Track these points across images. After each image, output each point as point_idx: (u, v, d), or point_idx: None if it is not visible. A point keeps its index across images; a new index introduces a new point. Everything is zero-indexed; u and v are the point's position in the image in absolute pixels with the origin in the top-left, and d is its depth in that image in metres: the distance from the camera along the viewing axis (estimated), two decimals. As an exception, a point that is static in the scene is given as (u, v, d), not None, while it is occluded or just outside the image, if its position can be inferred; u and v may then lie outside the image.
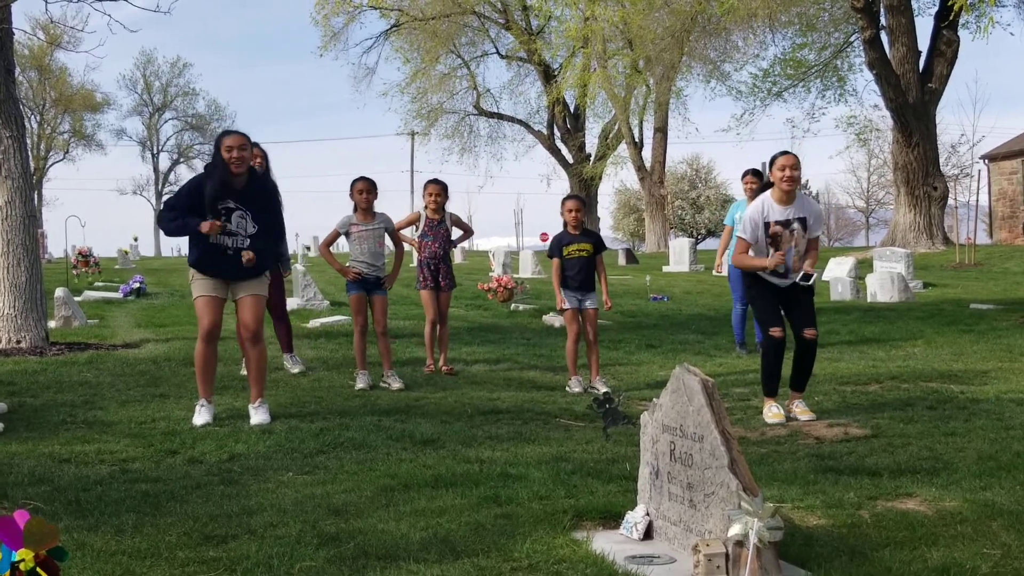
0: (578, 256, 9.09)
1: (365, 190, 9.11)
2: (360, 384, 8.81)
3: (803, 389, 7.65)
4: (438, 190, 9.89)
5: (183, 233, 7.24)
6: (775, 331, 7.42)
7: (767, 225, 7.37)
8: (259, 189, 7.35)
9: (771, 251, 7.36)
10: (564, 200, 9.33)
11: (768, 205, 7.43)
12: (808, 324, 7.45)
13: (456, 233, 10.18)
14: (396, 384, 8.84)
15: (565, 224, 9.23)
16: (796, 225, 7.35)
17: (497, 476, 5.31)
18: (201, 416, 7.16)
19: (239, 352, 9.08)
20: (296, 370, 9.55)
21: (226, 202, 7.13)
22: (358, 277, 9.08)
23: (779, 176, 7.32)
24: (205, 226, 7.03)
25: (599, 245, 9.27)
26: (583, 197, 10.33)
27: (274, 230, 7.52)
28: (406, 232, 10.02)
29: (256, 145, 9.10)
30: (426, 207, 9.90)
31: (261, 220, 7.26)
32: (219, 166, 7.12)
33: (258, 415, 7.21)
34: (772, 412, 7.45)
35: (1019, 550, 3.94)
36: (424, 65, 44.32)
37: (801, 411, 7.50)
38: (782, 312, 7.54)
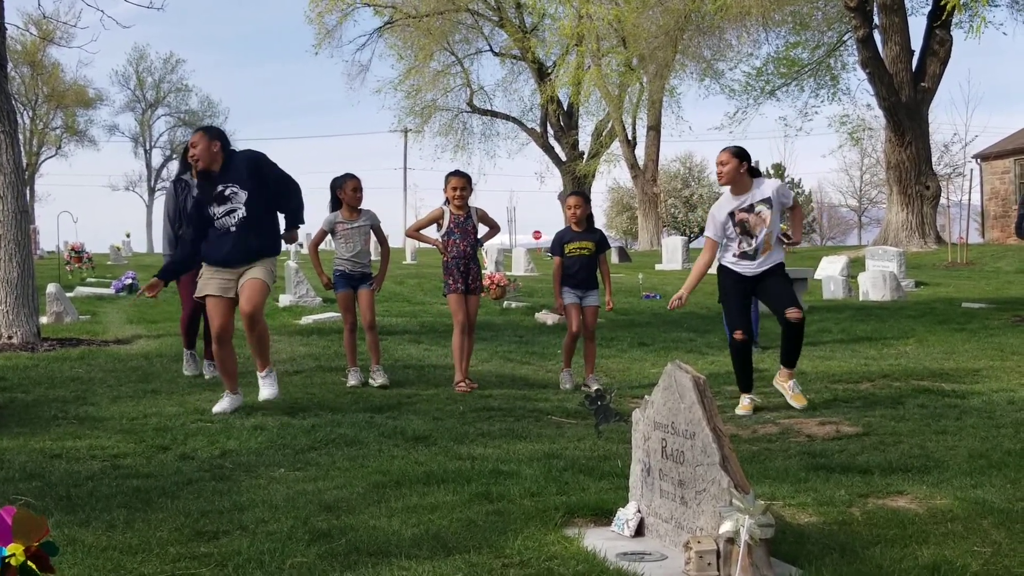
0: (579, 254, 9.01)
1: (359, 188, 8.99)
2: (351, 381, 8.77)
3: (794, 365, 7.76)
4: (463, 183, 8.89)
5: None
6: (738, 334, 7.62)
7: (731, 215, 7.55)
8: (236, 162, 7.38)
9: (743, 239, 7.56)
10: (567, 197, 9.19)
11: (725, 199, 7.67)
12: (789, 304, 7.55)
13: (482, 230, 9.34)
14: (379, 380, 8.73)
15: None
16: (760, 207, 7.51)
17: (489, 473, 5.31)
18: (221, 404, 7.36)
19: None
20: (208, 374, 9.16)
21: (214, 188, 7.29)
22: (329, 285, 8.99)
23: (717, 172, 7.64)
24: (147, 291, 7.43)
25: (602, 243, 9.17)
26: (587, 193, 9.84)
27: (284, 183, 7.49)
28: (429, 231, 9.28)
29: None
30: (449, 202, 8.93)
31: (255, 184, 7.30)
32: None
33: (267, 387, 7.42)
34: (743, 404, 7.68)
35: (1009, 548, 3.95)
36: (418, 62, 44.29)
37: (794, 396, 7.65)
38: (752, 305, 7.72)
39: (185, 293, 9.36)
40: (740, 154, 7.56)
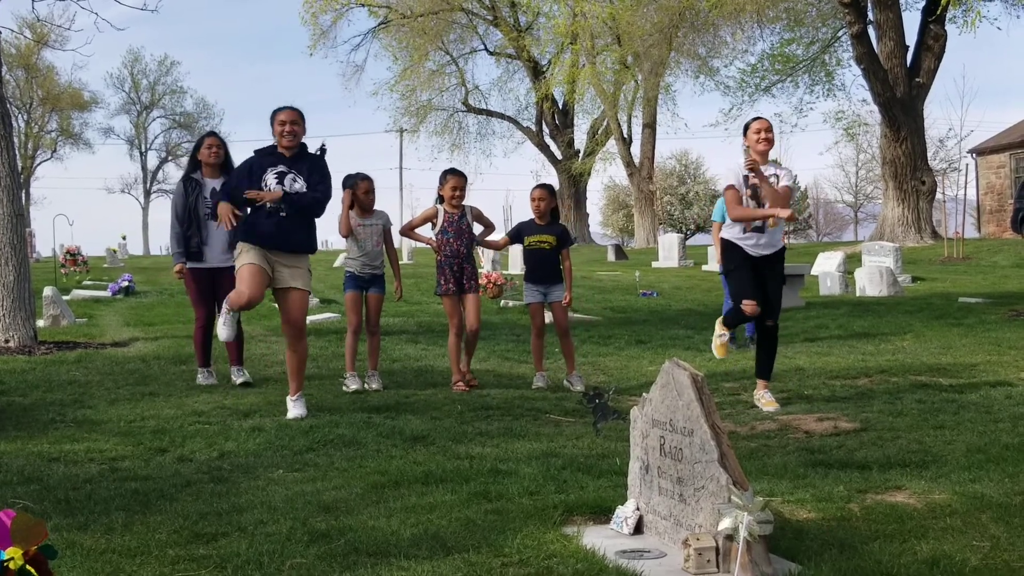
0: (539, 248, 8.85)
1: (371, 190, 8.80)
2: (351, 387, 8.55)
3: (768, 378, 7.77)
4: (461, 183, 8.77)
5: (229, 199, 7.35)
6: (748, 303, 7.47)
7: (746, 179, 7.53)
8: (309, 156, 7.53)
9: (752, 205, 7.52)
10: (532, 190, 9.01)
11: (741, 166, 7.64)
12: (769, 314, 7.62)
13: (478, 229, 9.06)
14: (374, 385, 8.61)
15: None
16: (773, 180, 7.49)
17: (487, 472, 5.31)
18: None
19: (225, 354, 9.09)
20: (240, 380, 8.83)
21: (277, 167, 7.36)
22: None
23: (754, 139, 7.54)
24: (251, 193, 7.28)
25: (564, 238, 9.01)
26: (551, 186, 9.51)
27: (320, 183, 7.46)
28: (423, 231, 9.05)
29: (214, 134, 9.05)
30: (443, 201, 8.77)
31: (312, 182, 7.41)
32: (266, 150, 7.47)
33: (296, 408, 7.31)
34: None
35: (1008, 542, 3.95)
36: (413, 62, 44.33)
37: (766, 402, 7.61)
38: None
39: (196, 303, 9.04)
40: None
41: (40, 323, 12.59)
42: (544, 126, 47.49)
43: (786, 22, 35.33)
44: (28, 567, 2.66)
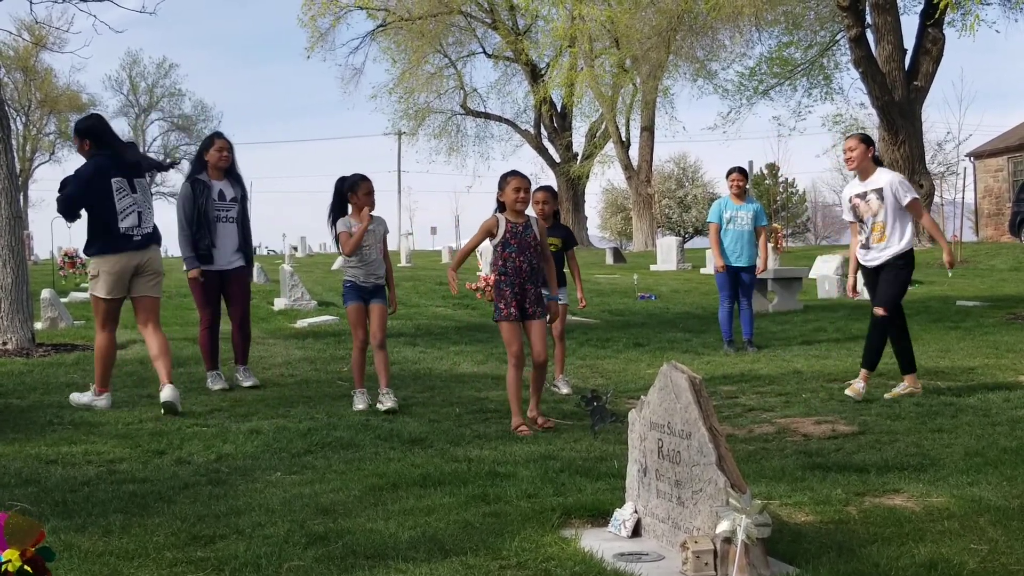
0: None
1: (372, 191, 8.14)
2: (358, 405, 7.92)
3: (868, 367, 8.09)
4: (526, 184, 7.27)
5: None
6: (876, 309, 8.04)
7: (851, 200, 8.11)
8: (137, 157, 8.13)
9: (860, 227, 8.11)
10: (535, 192, 8.58)
11: (852, 183, 8.25)
12: (878, 301, 8.04)
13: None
14: (388, 403, 7.78)
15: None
16: (871, 196, 7.94)
17: (485, 475, 5.31)
18: (101, 401, 7.78)
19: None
20: (248, 383, 8.86)
21: (118, 178, 7.92)
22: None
23: (844, 159, 8.19)
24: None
25: (569, 239, 9.01)
26: (553, 188, 9.09)
27: None
28: (483, 246, 7.90)
29: (221, 136, 9.01)
30: (503, 209, 7.29)
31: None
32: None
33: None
34: (854, 387, 8.01)
35: (1006, 545, 3.95)
36: (411, 65, 44.32)
37: (851, 388, 8.03)
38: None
39: (203, 304, 8.98)
40: (867, 140, 8.04)
41: (38, 325, 12.59)
42: (542, 129, 47.48)
43: (784, 25, 35.32)
44: (26, 568, 2.66)
